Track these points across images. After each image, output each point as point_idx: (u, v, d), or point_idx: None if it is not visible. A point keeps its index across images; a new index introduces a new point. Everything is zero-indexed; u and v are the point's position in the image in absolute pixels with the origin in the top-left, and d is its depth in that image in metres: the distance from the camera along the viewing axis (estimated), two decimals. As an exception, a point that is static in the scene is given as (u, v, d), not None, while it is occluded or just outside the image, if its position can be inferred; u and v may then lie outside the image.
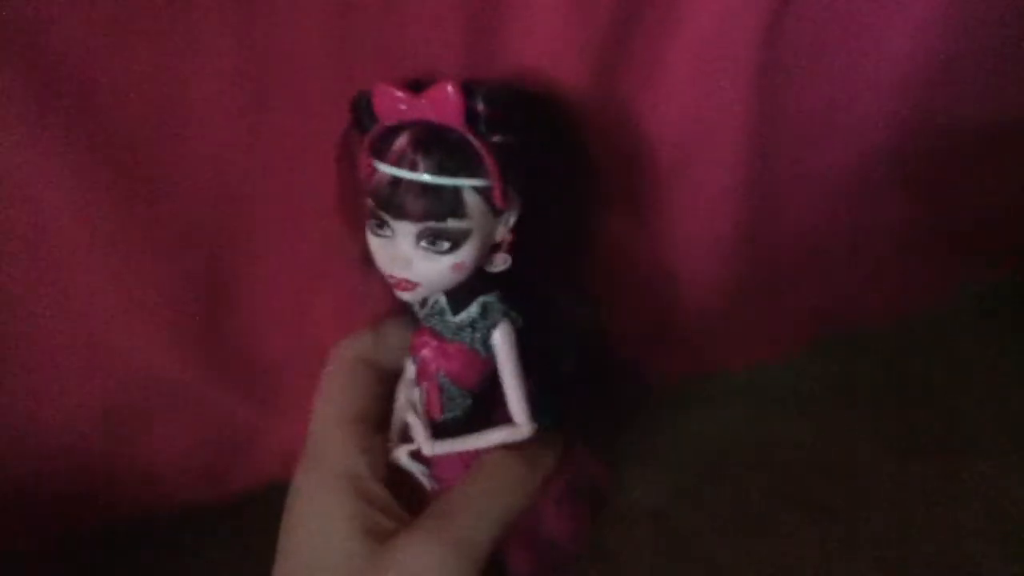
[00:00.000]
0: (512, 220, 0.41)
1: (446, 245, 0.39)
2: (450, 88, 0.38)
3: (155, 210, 0.46)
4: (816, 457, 0.69)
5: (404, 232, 0.39)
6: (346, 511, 0.39)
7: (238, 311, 0.52)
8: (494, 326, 0.42)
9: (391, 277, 0.40)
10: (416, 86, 0.39)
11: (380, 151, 0.40)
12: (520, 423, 0.42)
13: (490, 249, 0.41)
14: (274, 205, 0.49)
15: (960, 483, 0.67)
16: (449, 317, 0.43)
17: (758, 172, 0.56)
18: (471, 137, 0.38)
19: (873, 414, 0.71)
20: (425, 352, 0.43)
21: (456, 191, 0.38)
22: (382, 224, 0.39)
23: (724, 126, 0.52)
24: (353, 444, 0.42)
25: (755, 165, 0.56)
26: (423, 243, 0.39)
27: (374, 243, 0.40)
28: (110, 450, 0.57)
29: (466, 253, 0.39)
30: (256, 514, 0.63)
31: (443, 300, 0.43)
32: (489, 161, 0.38)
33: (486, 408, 0.44)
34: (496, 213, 0.40)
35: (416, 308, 0.45)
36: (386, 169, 0.39)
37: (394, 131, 0.39)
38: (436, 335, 0.43)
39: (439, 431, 0.44)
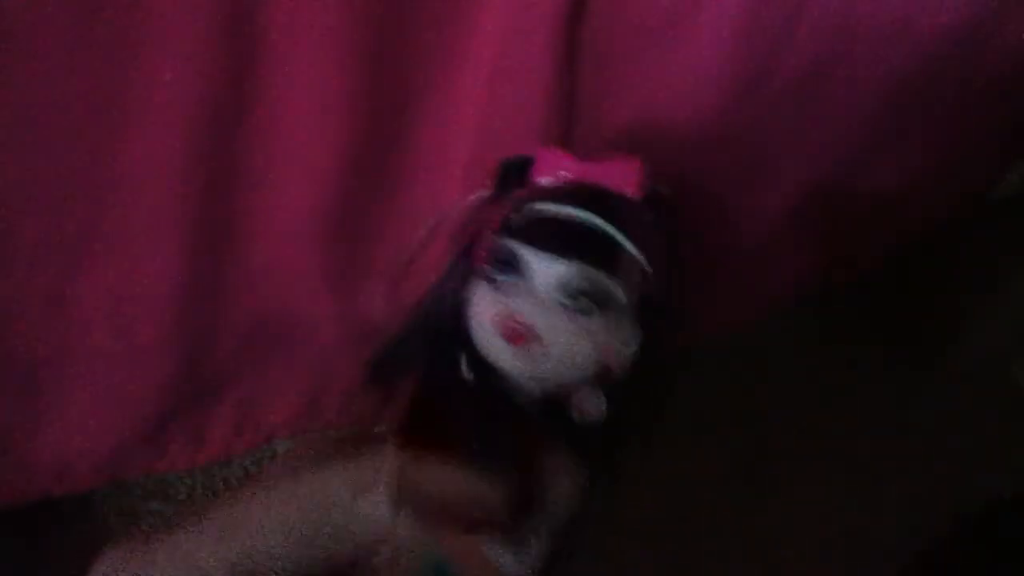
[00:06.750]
0: (633, 348, 0.36)
1: (585, 303, 0.34)
2: (635, 161, 0.38)
3: None
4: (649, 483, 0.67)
5: (543, 273, 0.34)
6: None
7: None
8: None
9: (507, 323, 0.33)
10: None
11: (531, 199, 0.37)
12: None
13: (600, 374, 0.36)
14: (26, 168, 0.43)
15: (789, 510, 0.65)
16: None
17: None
18: (645, 213, 0.37)
19: (705, 439, 0.69)
20: None
21: (616, 247, 0.35)
22: (508, 266, 0.35)
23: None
24: None
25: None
26: (561, 293, 0.34)
27: (483, 293, 0.35)
28: None
29: (603, 326, 0.35)
30: (30, 524, 0.58)
31: None
32: (658, 243, 0.37)
33: None
34: (632, 314, 0.36)
35: None
36: (546, 207, 0.36)
37: (553, 187, 0.37)
38: None
39: None
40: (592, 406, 0.36)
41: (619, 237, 0.35)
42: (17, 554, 0.57)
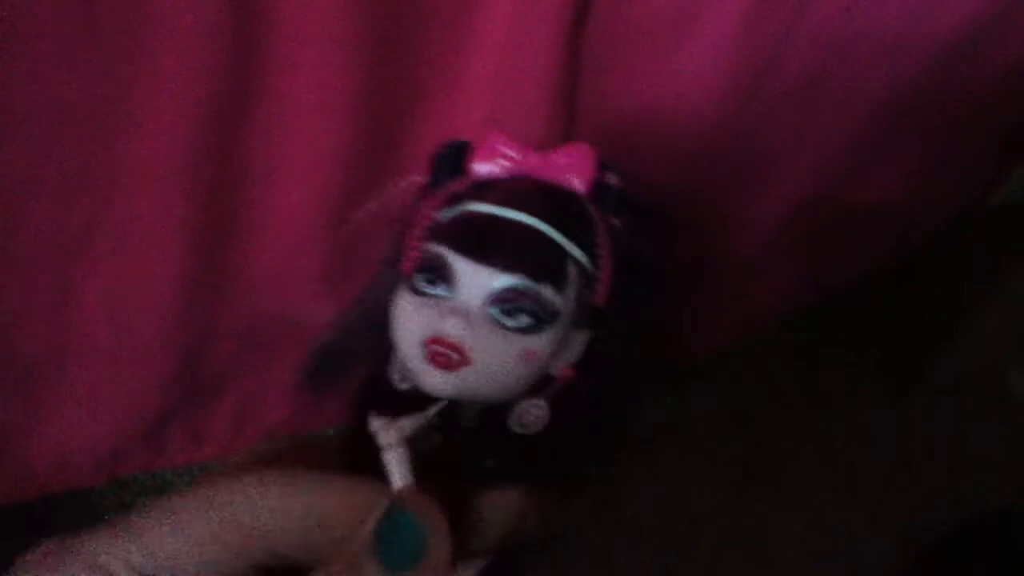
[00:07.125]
0: (576, 351, 0.32)
1: (525, 321, 0.29)
2: (586, 149, 0.33)
3: None
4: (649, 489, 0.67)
5: (476, 286, 0.30)
6: None
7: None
8: None
9: (435, 348, 0.29)
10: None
11: (465, 197, 0.32)
12: None
13: (539, 383, 0.31)
14: (29, 165, 0.43)
15: (786, 517, 0.65)
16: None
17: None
18: (591, 208, 0.32)
19: (706, 446, 0.69)
20: None
21: (562, 256, 0.31)
22: (438, 278, 0.30)
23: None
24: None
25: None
26: (496, 309, 0.29)
27: (408, 306, 0.31)
28: None
29: (543, 343, 0.30)
30: (30, 523, 0.58)
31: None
32: (604, 242, 0.31)
33: None
34: (578, 322, 0.31)
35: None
36: (480, 208, 0.31)
37: (489, 184, 0.33)
38: None
39: None
40: (532, 416, 0.32)
41: (564, 243, 0.31)
42: (17, 553, 0.57)
